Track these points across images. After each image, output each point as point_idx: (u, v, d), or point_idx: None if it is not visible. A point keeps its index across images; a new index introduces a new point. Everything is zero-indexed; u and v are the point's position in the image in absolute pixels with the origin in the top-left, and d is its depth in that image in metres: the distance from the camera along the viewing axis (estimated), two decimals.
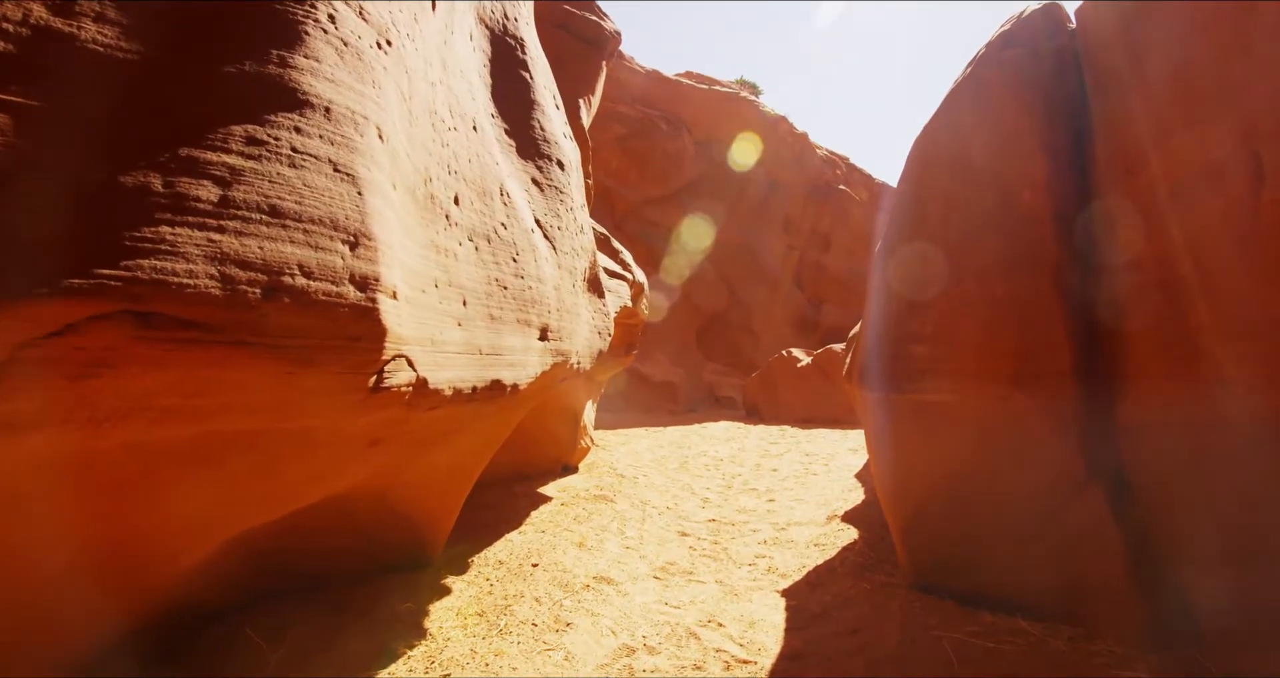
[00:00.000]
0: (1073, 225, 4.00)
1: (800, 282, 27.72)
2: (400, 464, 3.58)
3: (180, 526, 2.42)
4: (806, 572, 5.34)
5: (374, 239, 2.09)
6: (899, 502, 4.83)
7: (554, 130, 4.74)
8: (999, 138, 4.36)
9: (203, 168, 1.81)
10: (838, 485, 8.64)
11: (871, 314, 5.43)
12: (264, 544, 3.64)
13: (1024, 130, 4.24)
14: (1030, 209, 4.13)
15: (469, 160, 3.30)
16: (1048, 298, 3.95)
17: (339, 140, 2.04)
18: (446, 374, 2.75)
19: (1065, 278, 3.95)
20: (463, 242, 3.08)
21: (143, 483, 2.13)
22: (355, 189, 2.04)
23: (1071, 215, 4.02)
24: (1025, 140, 4.22)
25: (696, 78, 25.91)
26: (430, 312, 2.64)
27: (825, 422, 16.48)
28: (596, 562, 5.26)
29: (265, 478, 2.41)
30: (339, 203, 2.00)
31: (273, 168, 1.90)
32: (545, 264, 3.94)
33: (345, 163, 2.04)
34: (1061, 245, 4.00)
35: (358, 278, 2.02)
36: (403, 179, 2.46)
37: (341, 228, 2.00)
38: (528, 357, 3.61)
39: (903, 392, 4.58)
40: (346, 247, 2.00)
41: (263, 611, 3.77)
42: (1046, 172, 4.12)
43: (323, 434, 2.33)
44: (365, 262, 2.05)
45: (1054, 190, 4.09)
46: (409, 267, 2.44)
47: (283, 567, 3.94)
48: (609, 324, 6.03)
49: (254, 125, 1.90)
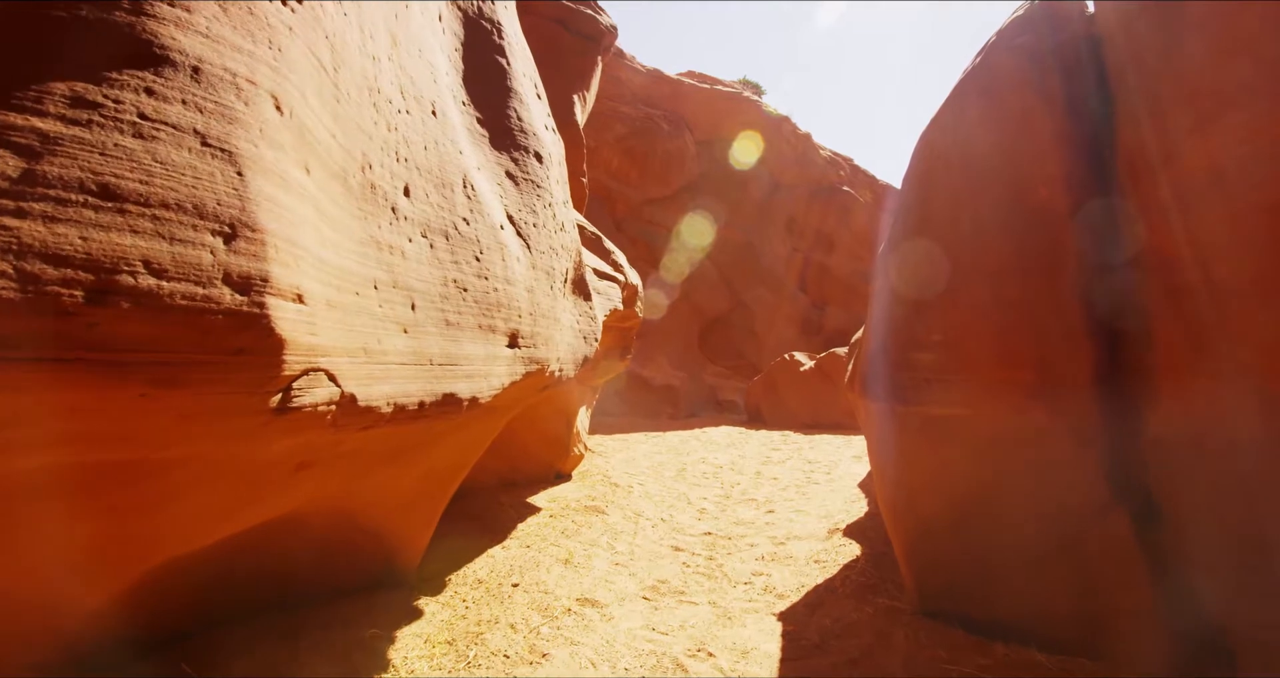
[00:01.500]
0: (1093, 223, 3.68)
1: (804, 284, 27.40)
2: (348, 485, 3.28)
3: (67, 566, 2.10)
4: (806, 592, 5.03)
5: (261, 231, 1.71)
6: (903, 521, 4.52)
7: (533, 121, 4.42)
8: (1011, 130, 4.04)
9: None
10: (840, 496, 8.32)
11: (875, 319, 5.11)
12: (209, 569, 3.34)
13: (1038, 121, 3.92)
14: (1046, 206, 3.82)
15: (425, 148, 2.98)
16: (1066, 302, 3.63)
17: (211, 108, 1.66)
18: (384, 388, 2.41)
19: (1085, 280, 3.63)
20: (414, 238, 2.77)
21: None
22: (233, 169, 1.66)
23: (1092, 213, 3.69)
24: (1040, 132, 3.90)
25: (698, 77, 25.63)
26: (365, 317, 2.31)
27: (828, 427, 16.16)
28: (582, 581, 4.94)
29: (160, 510, 2.07)
30: (208, 185, 1.62)
31: (107, 137, 1.51)
32: (516, 264, 3.61)
33: (220, 136, 1.66)
34: (1081, 245, 3.69)
35: (236, 277, 1.65)
36: (323, 163, 2.12)
37: (210, 215, 1.61)
38: (492, 366, 3.29)
39: (908, 403, 4.27)
40: (219, 239, 1.62)
41: (206, 640, 3.46)
42: (1064, 165, 3.80)
43: (227, 462, 2.01)
44: (248, 258, 1.67)
45: (1072, 185, 3.77)
46: (335, 265, 2.12)
47: (235, 591, 3.64)
48: (595, 328, 5.71)
49: (85, 83, 1.51)
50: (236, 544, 3.38)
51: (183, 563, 3.17)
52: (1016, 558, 3.83)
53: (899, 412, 4.35)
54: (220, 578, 3.56)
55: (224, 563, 3.49)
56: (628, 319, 8.46)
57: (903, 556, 4.58)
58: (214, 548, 3.25)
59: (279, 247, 1.73)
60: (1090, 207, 3.72)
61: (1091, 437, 3.56)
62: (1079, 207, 3.74)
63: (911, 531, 4.43)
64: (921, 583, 4.42)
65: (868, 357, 5.05)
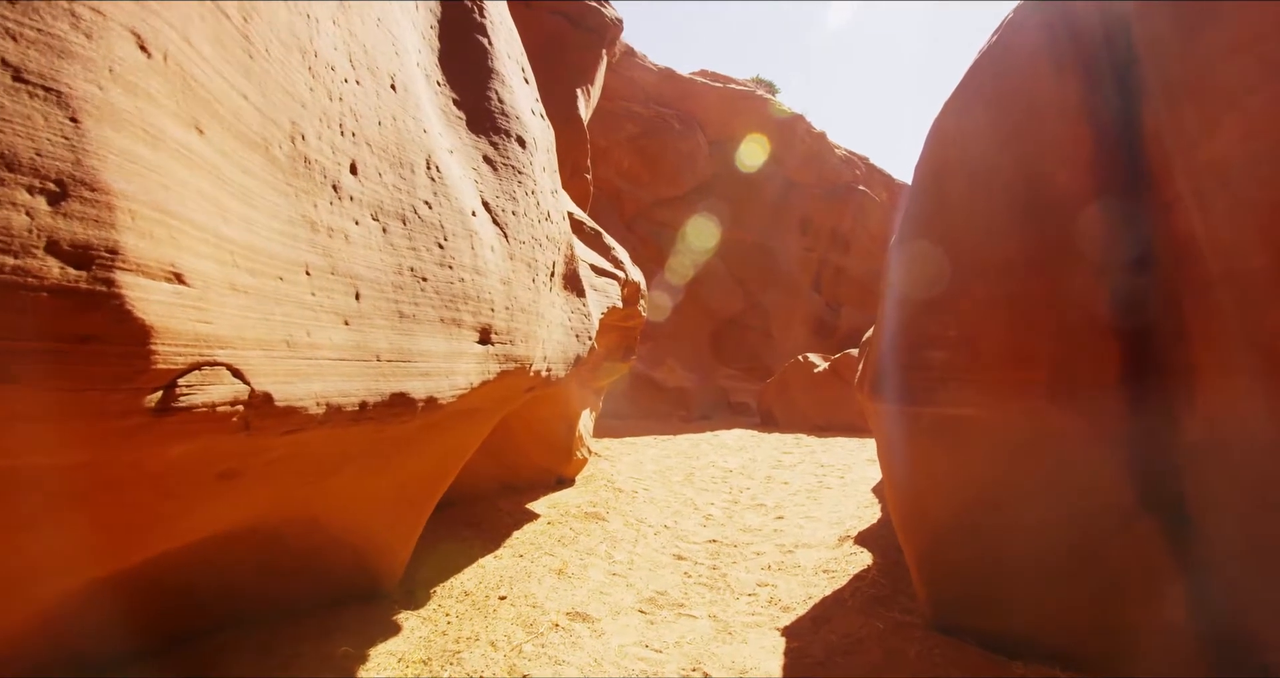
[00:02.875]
0: (1116, 212, 3.39)
1: (818, 284, 27.05)
2: (309, 493, 3.03)
3: None
4: (812, 604, 4.76)
5: (106, 191, 1.41)
6: (915, 529, 4.25)
7: (517, 104, 4.15)
8: (1026, 114, 3.76)
9: None
10: (852, 501, 8.04)
11: (884, 316, 4.84)
12: (160, 584, 3.12)
13: (1056, 104, 3.63)
14: (1068, 192, 3.53)
15: (379, 123, 2.73)
16: (1090, 296, 3.35)
17: (30, 36, 1.34)
18: (314, 386, 2.15)
19: (1108, 273, 3.35)
20: (361, 220, 2.51)
21: None
22: (63, 113, 1.36)
23: (1114, 200, 3.41)
24: (1057, 116, 3.61)
25: (711, 76, 25.35)
26: (291, 306, 2.06)
27: (842, 429, 15.85)
28: (575, 593, 4.69)
29: (40, 529, 1.83)
30: (23, 129, 1.32)
31: None
32: (489, 253, 3.35)
33: (43, 71, 1.35)
34: (1102, 235, 3.40)
35: (67, 247, 1.35)
36: (228, 126, 1.86)
37: (26, 168, 1.30)
38: (456, 364, 3.03)
39: (919, 404, 3.99)
40: (40, 198, 1.32)
41: (173, 657, 3.24)
42: (1083, 151, 3.51)
43: (116, 472, 1.77)
44: (84, 223, 1.37)
45: (1093, 172, 3.49)
46: (246, 245, 1.87)
47: (198, 605, 3.42)
48: (589, 326, 5.44)
49: None
50: (201, 557, 3.16)
51: (143, 577, 2.96)
52: (1035, 568, 3.55)
53: (909, 413, 4.08)
54: (185, 593, 3.34)
55: (187, 576, 3.27)
56: (630, 319, 8.20)
57: (914, 565, 4.32)
58: (175, 561, 3.03)
59: (139, 214, 1.44)
60: (1113, 194, 3.44)
61: (1115, 440, 3.28)
62: (1100, 194, 3.45)
63: (923, 539, 4.16)
64: (934, 595, 4.15)
65: (877, 356, 4.78)
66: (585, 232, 7.39)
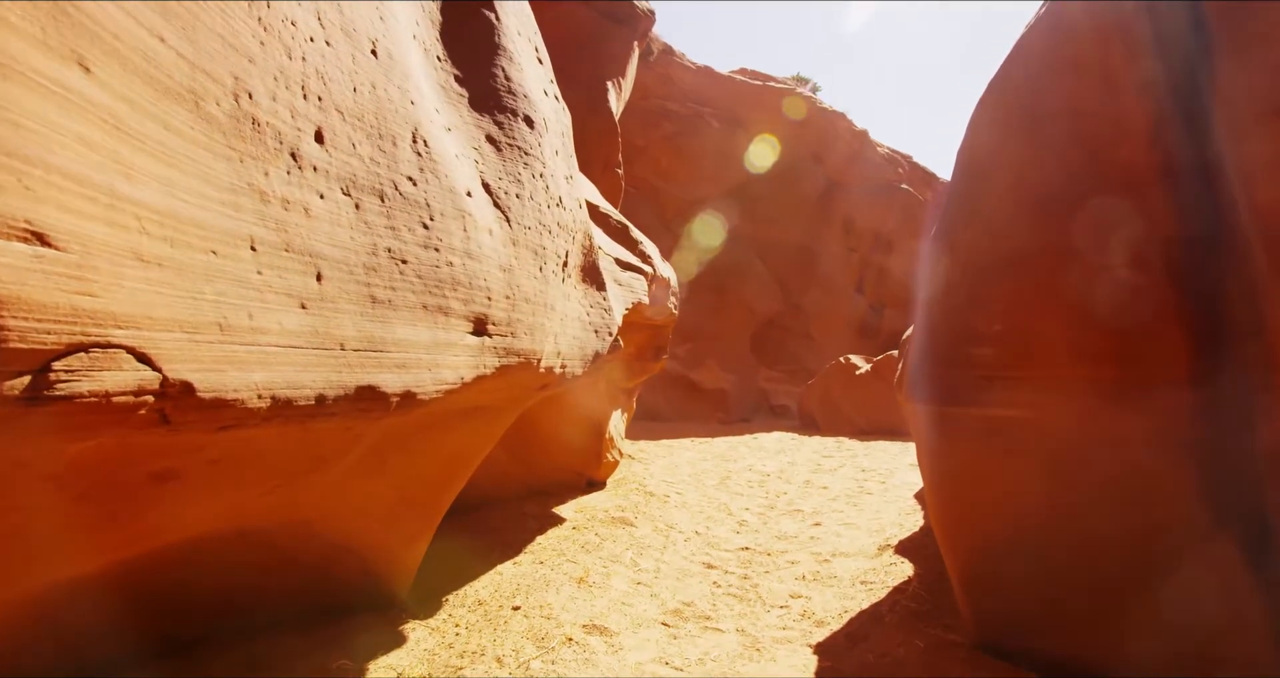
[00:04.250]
0: (1187, 188, 3.05)
1: (861, 285, 26.50)
2: (293, 497, 2.81)
3: None
4: (848, 619, 4.45)
5: None
6: (959, 540, 3.92)
7: (525, 83, 3.90)
8: (1084, 79, 3.41)
9: None
10: (894, 508, 7.68)
11: (923, 311, 4.52)
12: (152, 588, 2.94)
13: (1117, 67, 3.29)
14: (1126, 169, 3.19)
15: (354, 89, 2.50)
16: (1156, 284, 3.00)
17: None
18: (255, 377, 1.91)
19: (1179, 257, 3.00)
20: (327, 193, 2.28)
21: None
22: None
23: (1185, 175, 3.06)
24: (1118, 80, 3.27)
25: (750, 74, 24.99)
26: (226, 284, 1.82)
27: (885, 432, 15.39)
28: (594, 603, 4.44)
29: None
30: None
31: None
32: (485, 237, 3.10)
33: None
34: (1173, 215, 3.05)
35: None
36: (135, 69, 1.59)
37: None
38: (441, 356, 2.78)
39: (963, 404, 3.67)
40: None
41: (146, 671, 3.06)
42: (1148, 119, 3.17)
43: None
44: None
45: (1161, 143, 3.14)
46: (164, 212, 1.62)
47: (194, 612, 3.24)
48: (610, 321, 5.17)
49: None
50: (191, 562, 2.98)
51: (132, 580, 2.79)
52: (1096, 587, 3.21)
53: (952, 414, 3.76)
54: (183, 597, 3.16)
55: (184, 581, 3.09)
56: (660, 316, 7.92)
57: (958, 580, 3.99)
58: (164, 566, 2.85)
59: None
60: (1182, 168, 3.09)
61: (1184, 446, 2.93)
62: (1168, 168, 3.11)
63: (968, 552, 3.84)
64: (980, 612, 3.82)
65: (916, 355, 4.46)
66: (611, 225, 7.15)
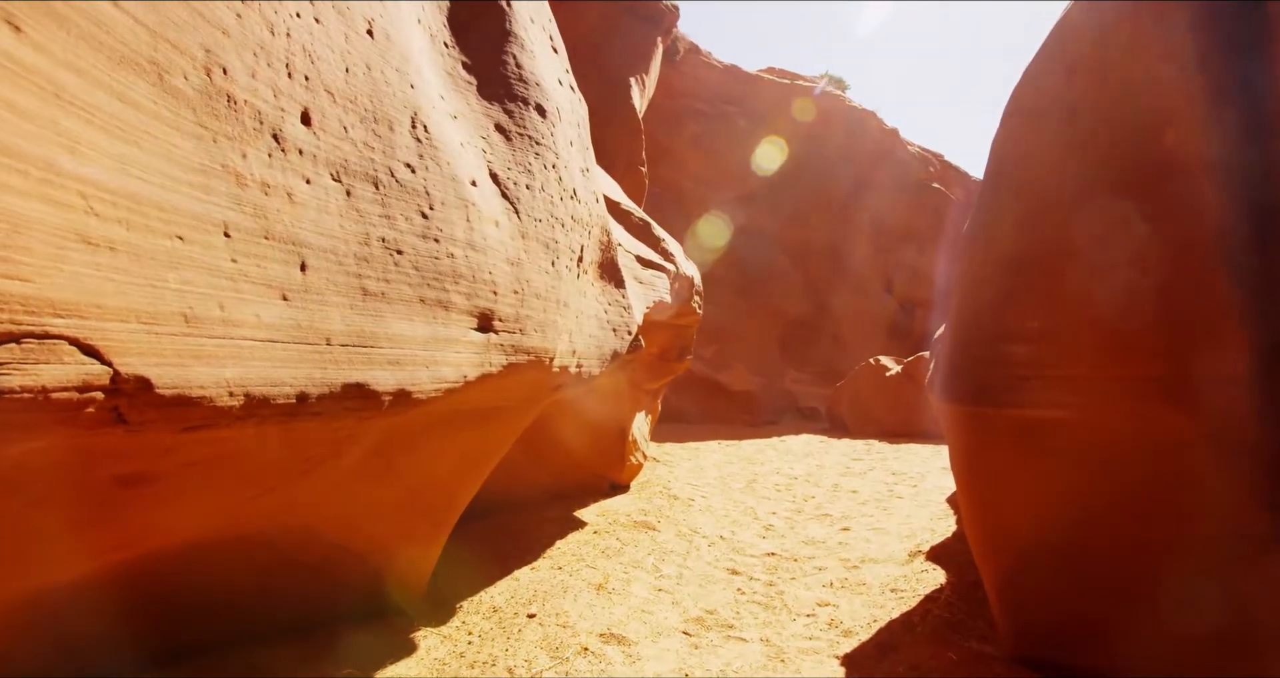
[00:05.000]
0: (1241, 173, 2.84)
1: (891, 285, 26.16)
2: (271, 502, 2.69)
3: None
4: (878, 629, 4.27)
5: None
6: (994, 548, 3.74)
7: (537, 71, 3.76)
8: (1124, 70, 3.22)
9: None
10: (925, 512, 7.46)
11: (956, 309, 4.33)
12: (153, 593, 2.84)
13: (1162, 48, 3.09)
14: (1173, 156, 2.99)
15: (346, 70, 2.38)
16: (1208, 275, 2.80)
17: None
18: (226, 372, 1.79)
19: (1233, 247, 2.80)
20: (314, 179, 2.16)
21: None
22: None
23: (1241, 160, 2.85)
24: (1162, 68, 3.07)
25: (778, 73, 24.80)
26: (194, 272, 1.70)
27: (916, 435, 15.12)
28: (613, 611, 4.29)
29: None
30: None
31: None
32: (491, 229, 2.97)
33: None
34: (1227, 205, 2.85)
35: None
36: (82, 34, 1.44)
37: None
38: (442, 352, 2.65)
39: (998, 405, 3.49)
40: None
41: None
42: (1197, 103, 2.97)
43: None
44: None
45: (1210, 128, 2.94)
46: (117, 190, 1.49)
47: (198, 619, 3.14)
48: (629, 320, 5.02)
49: None
50: (192, 567, 2.88)
51: (133, 584, 2.70)
52: (1144, 600, 3.01)
53: (987, 415, 3.58)
54: (185, 603, 3.07)
55: (185, 586, 3.00)
56: (683, 316, 7.77)
57: (993, 589, 3.81)
58: (163, 571, 2.76)
59: None
60: (1236, 156, 2.89)
61: (1243, 449, 2.72)
62: (1220, 154, 2.90)
63: (1003, 560, 3.65)
64: (1017, 624, 3.63)
65: (948, 354, 4.27)
66: (633, 222, 7.01)
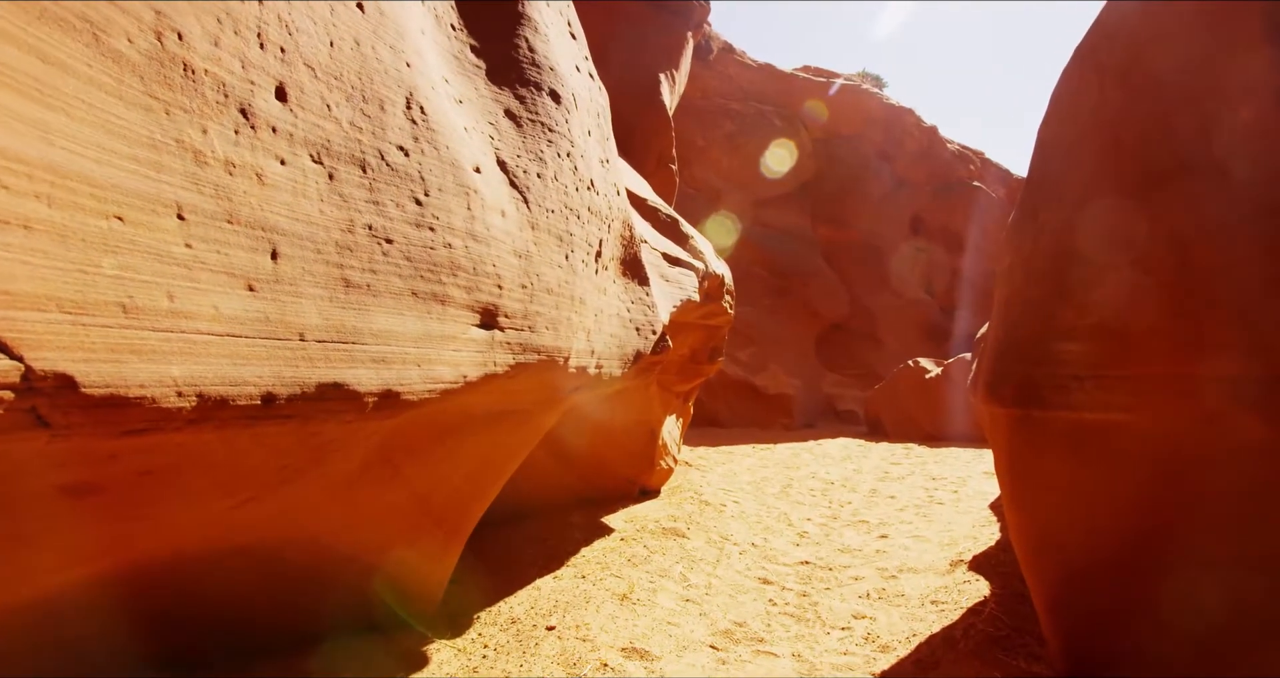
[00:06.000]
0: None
1: (930, 287, 25.67)
2: (264, 511, 2.52)
3: None
4: (917, 644, 4.02)
5: None
6: (1044, 560, 3.47)
7: (552, 55, 3.55)
8: (1194, 33, 2.95)
9: None
10: (967, 519, 7.15)
11: (1002, 305, 4.07)
12: (155, 605, 2.71)
13: (1236, 15, 2.82)
14: (1252, 129, 2.72)
15: (330, 44, 2.20)
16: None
17: None
18: (173, 370, 1.61)
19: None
20: (290, 159, 1.98)
21: None
22: None
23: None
24: (1238, 29, 2.80)
25: (814, 71, 24.50)
26: (137, 257, 1.53)
27: (956, 439, 14.73)
28: (636, 623, 4.09)
29: None
30: None
31: None
32: (496, 218, 2.77)
33: None
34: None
35: None
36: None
37: None
38: (438, 349, 2.45)
39: (1049, 407, 3.22)
40: None
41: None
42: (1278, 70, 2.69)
43: None
44: None
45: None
46: (36, 161, 1.31)
47: (194, 633, 3.00)
48: (653, 318, 4.80)
49: None
50: (191, 578, 2.74)
51: (133, 594, 2.56)
52: (1215, 624, 2.74)
53: (1036, 418, 3.32)
54: (188, 614, 2.93)
55: (187, 597, 2.86)
56: (714, 315, 7.54)
57: (1042, 604, 3.54)
58: (161, 582, 2.62)
59: None
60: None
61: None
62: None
63: (1055, 575, 3.39)
64: (1069, 644, 3.37)
65: (993, 353, 4.01)
66: (661, 219, 6.81)
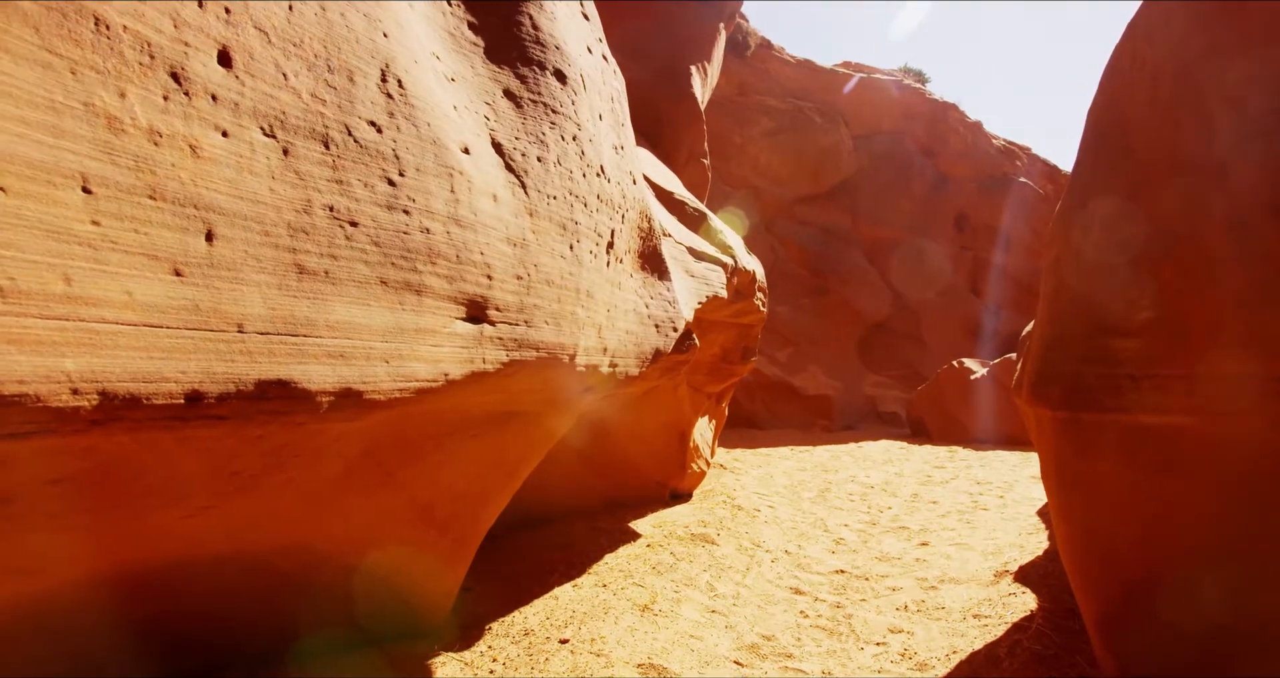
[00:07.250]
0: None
1: (975, 285, 25.09)
2: (224, 523, 2.37)
3: None
4: (957, 662, 3.78)
5: None
6: (1097, 574, 3.22)
7: (558, 34, 3.34)
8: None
9: None
10: (1013, 526, 6.84)
11: (1048, 300, 3.81)
12: (148, 614, 2.60)
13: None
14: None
15: (289, 8, 2.02)
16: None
17: None
18: (66, 364, 1.43)
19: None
20: (233, 132, 1.82)
21: None
22: None
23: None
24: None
25: (854, 67, 24.07)
26: (22, 234, 1.35)
27: (1002, 442, 14.29)
28: (656, 637, 3.89)
29: None
30: None
31: None
32: (488, 204, 2.57)
33: None
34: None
35: None
36: None
37: None
38: (410, 345, 2.26)
39: (1101, 410, 2.97)
40: None
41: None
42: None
43: None
44: None
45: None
46: None
47: (191, 645, 2.89)
48: (674, 315, 4.58)
49: None
50: (181, 588, 2.63)
51: (125, 602, 2.46)
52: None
53: (1087, 422, 3.07)
54: (183, 625, 2.82)
55: (181, 608, 2.75)
56: (746, 313, 7.31)
57: (1094, 621, 3.29)
58: (150, 590, 2.51)
59: None
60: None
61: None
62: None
63: (1108, 591, 3.13)
64: (1124, 662, 3.11)
65: (1040, 352, 3.75)
66: (687, 212, 6.60)
